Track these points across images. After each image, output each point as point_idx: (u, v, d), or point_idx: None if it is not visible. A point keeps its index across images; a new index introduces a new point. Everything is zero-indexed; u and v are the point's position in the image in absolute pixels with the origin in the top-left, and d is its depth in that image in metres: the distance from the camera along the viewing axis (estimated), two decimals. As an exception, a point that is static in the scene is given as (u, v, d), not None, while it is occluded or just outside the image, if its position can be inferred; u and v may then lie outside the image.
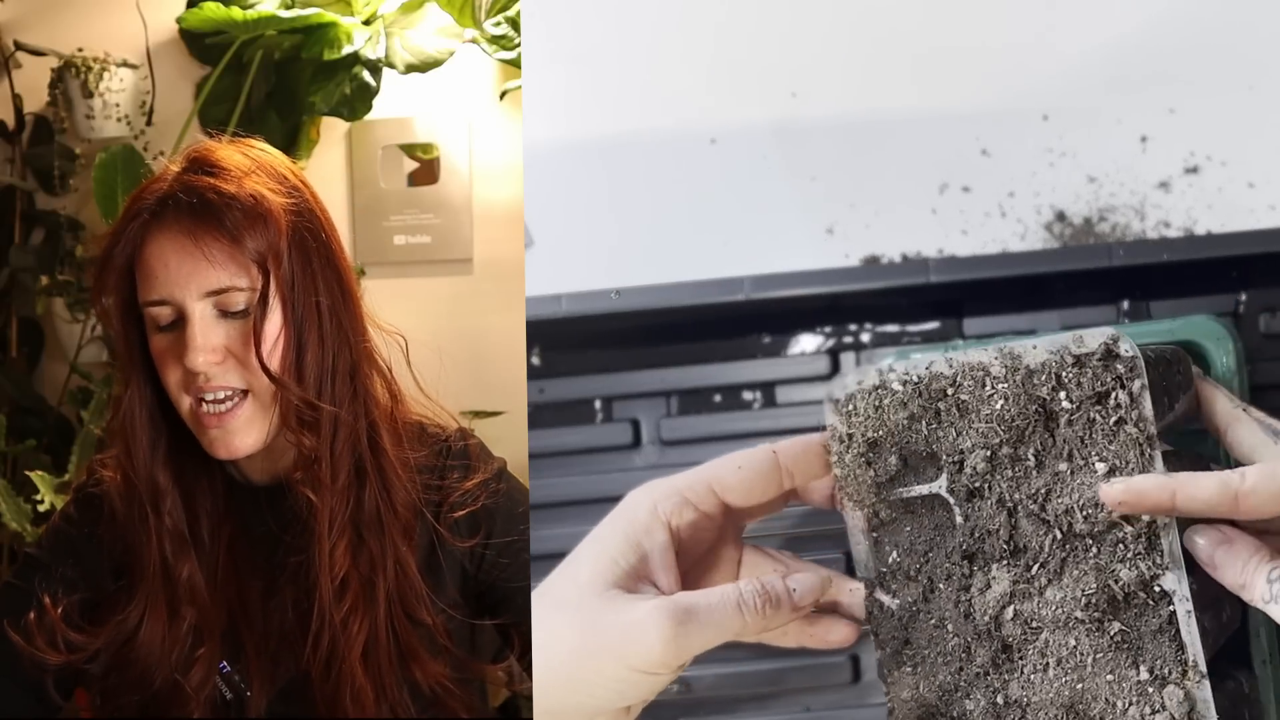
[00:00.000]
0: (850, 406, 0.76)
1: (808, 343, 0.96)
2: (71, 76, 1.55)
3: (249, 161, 0.90)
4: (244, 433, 0.87)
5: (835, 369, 0.95)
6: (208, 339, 0.85)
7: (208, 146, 0.91)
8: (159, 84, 1.58)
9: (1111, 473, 0.70)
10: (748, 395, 0.96)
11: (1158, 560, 0.70)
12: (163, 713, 0.89)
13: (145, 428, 0.89)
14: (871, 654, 0.78)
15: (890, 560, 0.76)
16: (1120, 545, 0.70)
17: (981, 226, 1.05)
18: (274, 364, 0.86)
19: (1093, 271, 0.89)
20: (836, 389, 0.77)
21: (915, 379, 0.74)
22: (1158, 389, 0.74)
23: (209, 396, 0.86)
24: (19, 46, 1.58)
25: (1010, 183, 1.05)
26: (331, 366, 0.89)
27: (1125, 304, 0.92)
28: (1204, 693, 0.69)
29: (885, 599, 0.76)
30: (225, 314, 0.86)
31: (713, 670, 0.93)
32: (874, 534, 0.76)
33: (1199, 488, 0.69)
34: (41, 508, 1.34)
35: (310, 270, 0.88)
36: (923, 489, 0.75)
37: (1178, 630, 0.70)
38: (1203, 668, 0.69)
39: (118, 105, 1.56)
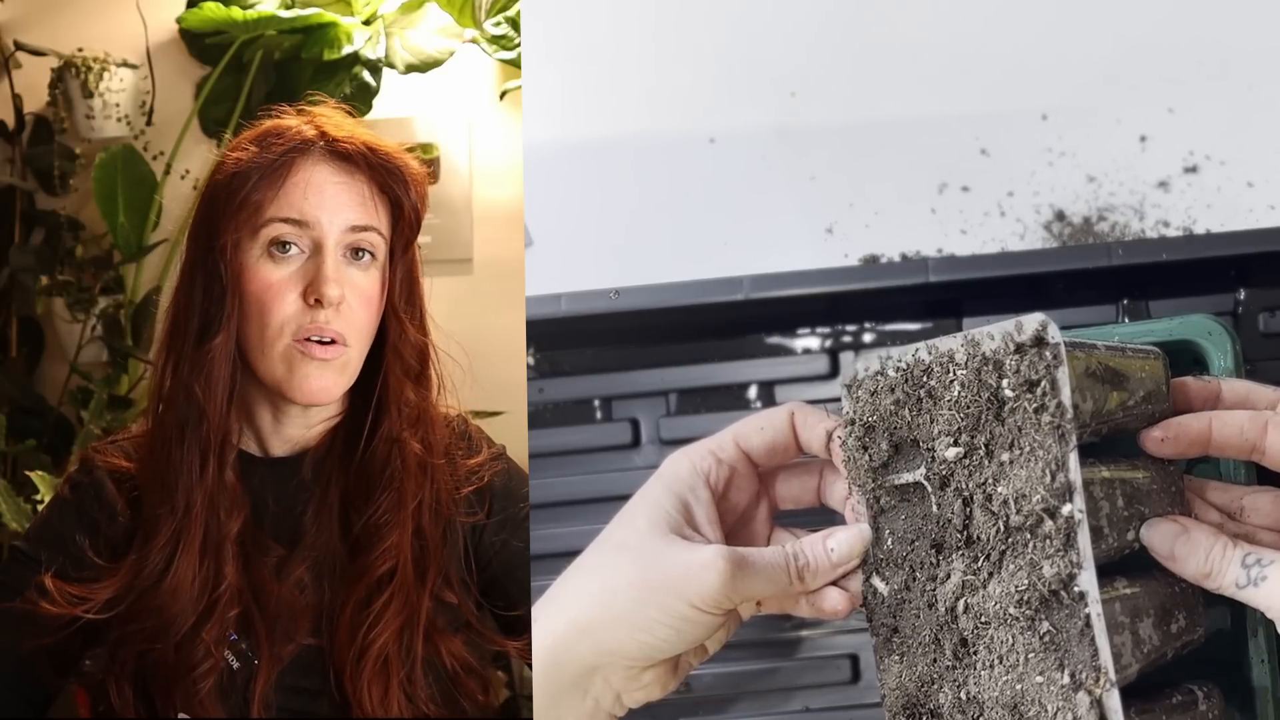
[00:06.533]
0: (857, 392, 0.76)
1: (807, 342, 0.96)
2: (71, 76, 1.55)
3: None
4: (334, 377, 0.87)
5: (834, 368, 0.95)
6: (339, 273, 0.86)
7: (329, 110, 0.92)
8: (159, 84, 1.58)
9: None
10: (747, 395, 0.96)
11: (1073, 559, 0.68)
12: (169, 676, 0.87)
13: (228, 370, 0.87)
14: (871, 654, 0.78)
15: (886, 546, 0.76)
16: (1047, 541, 0.69)
17: (981, 226, 1.05)
18: (378, 321, 0.88)
19: (1092, 271, 0.89)
20: (848, 374, 0.77)
21: (905, 365, 0.75)
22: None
23: (316, 339, 0.86)
24: (19, 46, 1.58)
25: (1009, 182, 1.05)
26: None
27: (1124, 303, 0.92)
28: (1113, 701, 0.67)
29: (879, 584, 0.76)
30: (350, 261, 0.87)
31: (712, 670, 0.93)
32: (876, 520, 0.76)
33: (1233, 415, 0.73)
34: (41, 507, 1.34)
35: (417, 251, 0.92)
36: (909, 476, 0.75)
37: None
38: (1112, 675, 0.67)
39: (118, 105, 1.56)
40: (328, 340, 0.86)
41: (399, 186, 0.89)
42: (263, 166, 0.86)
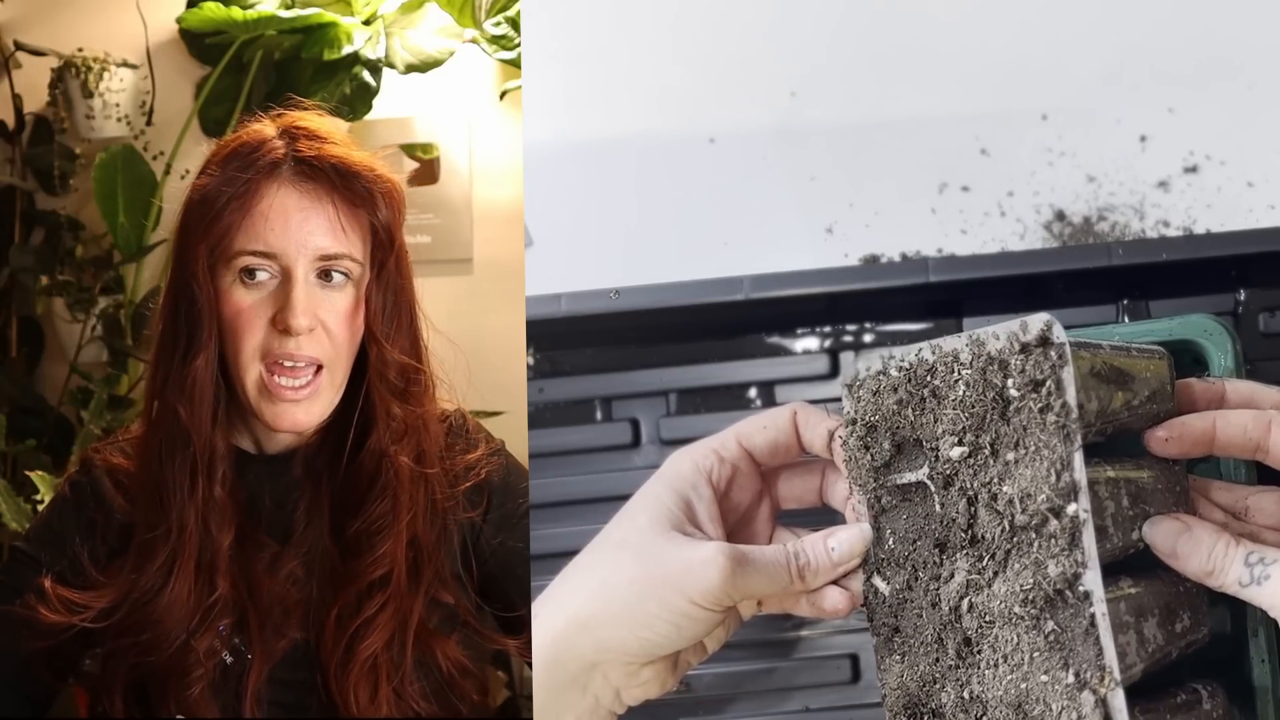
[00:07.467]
0: (858, 391, 0.77)
1: (807, 342, 0.96)
2: (71, 76, 1.55)
3: (354, 141, 0.91)
4: (311, 407, 0.87)
5: (835, 368, 0.95)
6: (310, 302, 0.85)
7: (307, 116, 0.91)
8: (159, 84, 1.58)
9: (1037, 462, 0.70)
10: (747, 395, 0.96)
11: (1078, 558, 0.68)
12: (161, 682, 0.87)
13: (210, 391, 0.87)
14: (871, 654, 0.78)
15: (887, 546, 0.76)
16: (1052, 540, 0.69)
17: (981, 226, 1.05)
18: (359, 338, 0.88)
19: (1092, 271, 0.89)
20: (849, 373, 0.78)
21: (908, 365, 0.75)
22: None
23: (288, 364, 0.85)
24: (19, 46, 1.59)
25: (1009, 182, 1.05)
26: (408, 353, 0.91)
27: (1124, 303, 0.92)
28: (1118, 700, 0.67)
29: (880, 584, 0.76)
30: (323, 283, 0.86)
31: (712, 670, 0.93)
32: (877, 520, 0.76)
33: (1237, 414, 0.73)
34: (41, 507, 1.34)
35: (403, 261, 0.91)
36: (912, 476, 0.75)
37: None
38: (1117, 674, 0.67)
39: (118, 105, 1.56)
40: (299, 381, 0.85)
41: (368, 208, 0.87)
42: (230, 193, 0.85)
